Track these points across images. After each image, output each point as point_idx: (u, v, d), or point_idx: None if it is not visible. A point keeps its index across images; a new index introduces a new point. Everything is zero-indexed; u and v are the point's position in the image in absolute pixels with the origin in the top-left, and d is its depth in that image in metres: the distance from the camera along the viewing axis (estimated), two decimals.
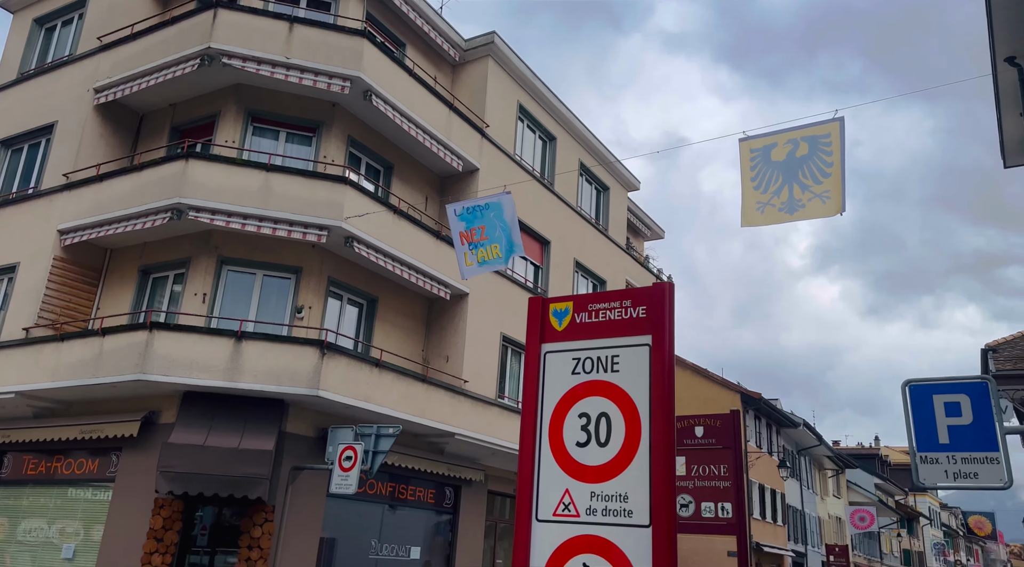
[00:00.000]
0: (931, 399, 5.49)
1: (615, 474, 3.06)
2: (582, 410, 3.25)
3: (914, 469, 5.51)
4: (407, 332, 16.44)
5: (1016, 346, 21.53)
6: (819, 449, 40.24)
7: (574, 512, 3.09)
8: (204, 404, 12.31)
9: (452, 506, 16.70)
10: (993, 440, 5.16)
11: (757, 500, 31.40)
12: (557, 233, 20.33)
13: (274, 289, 14.16)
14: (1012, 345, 21.80)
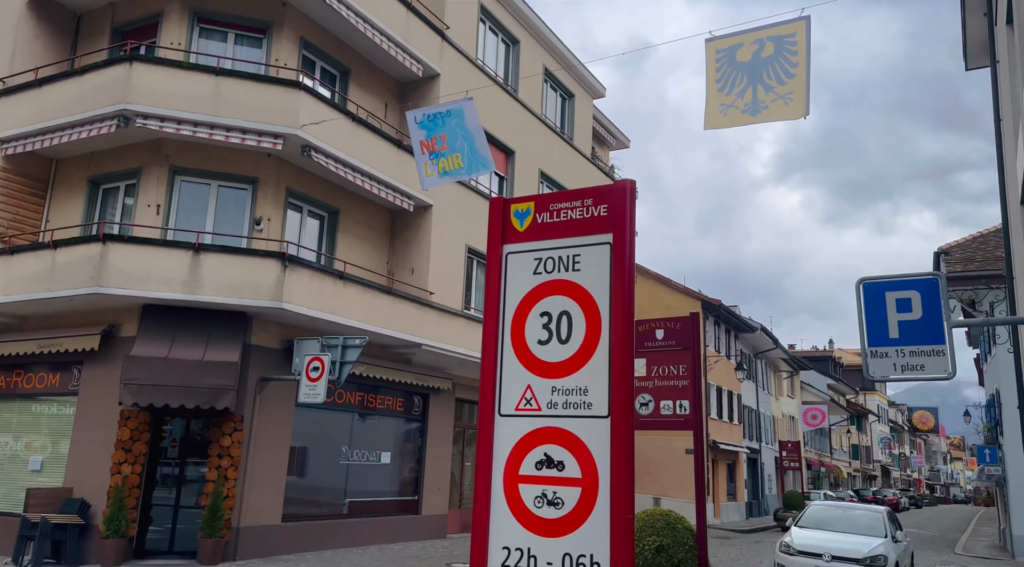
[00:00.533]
0: (884, 296, 5.64)
1: (575, 369, 3.11)
2: (544, 309, 3.26)
3: (864, 363, 5.72)
4: (371, 244, 16.29)
5: (967, 248, 22.14)
6: (775, 352, 41.69)
7: (535, 406, 3.15)
8: (165, 317, 12.17)
9: (421, 414, 17.07)
10: (940, 334, 5.36)
11: (715, 401, 32.68)
12: (522, 143, 20.00)
13: (231, 200, 13.81)
14: (963, 248, 22.41)
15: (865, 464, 71.15)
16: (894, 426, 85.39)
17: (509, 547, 3.04)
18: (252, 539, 12.45)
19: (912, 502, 64.91)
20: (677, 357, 7.45)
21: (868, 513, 14.51)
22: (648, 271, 33.64)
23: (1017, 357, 14.06)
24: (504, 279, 3.39)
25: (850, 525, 14.00)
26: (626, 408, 2.95)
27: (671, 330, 7.69)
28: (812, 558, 12.79)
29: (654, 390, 7.49)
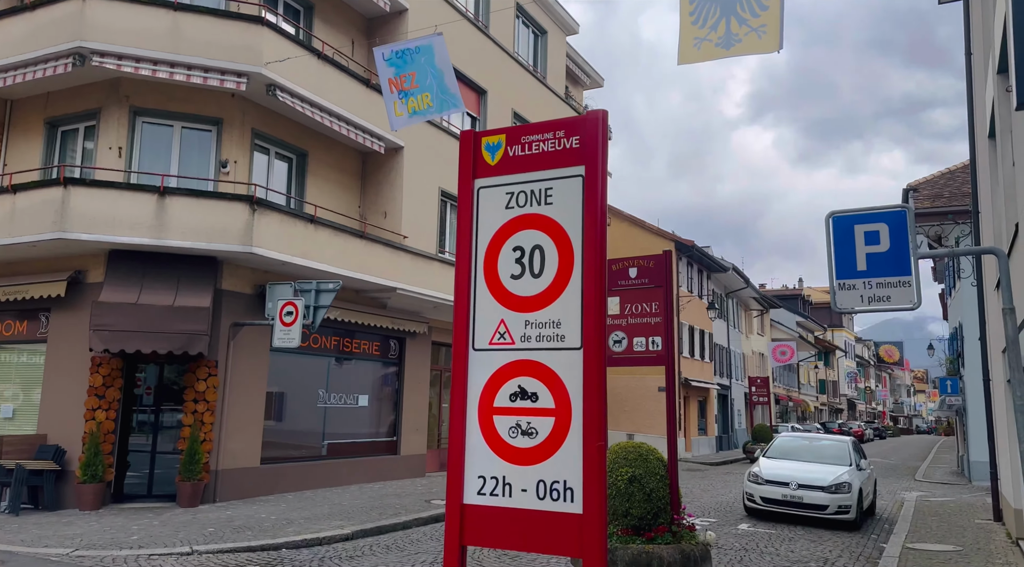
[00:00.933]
0: (852, 229, 5.71)
1: (548, 303, 3.11)
2: (516, 244, 3.24)
3: (832, 295, 5.82)
4: (342, 188, 16.05)
5: (935, 185, 22.35)
6: (746, 291, 42.35)
7: (509, 340, 3.16)
8: (133, 263, 11.97)
9: (397, 357, 17.15)
10: (907, 265, 5.45)
11: (687, 340, 33.26)
12: (493, 82, 19.62)
13: (195, 142, 13.45)
14: (931, 184, 22.62)
15: (832, 398, 73.39)
16: (860, 361, 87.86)
17: (484, 476, 3.10)
18: (231, 481, 12.58)
19: (876, 433, 67.34)
20: (650, 295, 7.51)
21: (833, 443, 15.04)
22: (622, 213, 33.68)
23: (980, 290, 14.42)
24: (476, 214, 3.36)
25: (816, 455, 14.51)
26: (598, 340, 2.97)
27: (644, 268, 7.73)
28: (779, 486, 13.28)
29: (627, 327, 7.57)
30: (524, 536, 2.97)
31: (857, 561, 10.18)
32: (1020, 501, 10.38)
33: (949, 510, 15.34)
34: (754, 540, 11.33)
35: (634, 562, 6.48)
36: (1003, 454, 12.48)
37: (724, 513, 14.15)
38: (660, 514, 6.80)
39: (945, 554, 10.16)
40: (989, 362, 13.94)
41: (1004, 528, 12.60)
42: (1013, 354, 5.28)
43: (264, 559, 8.85)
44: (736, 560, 9.74)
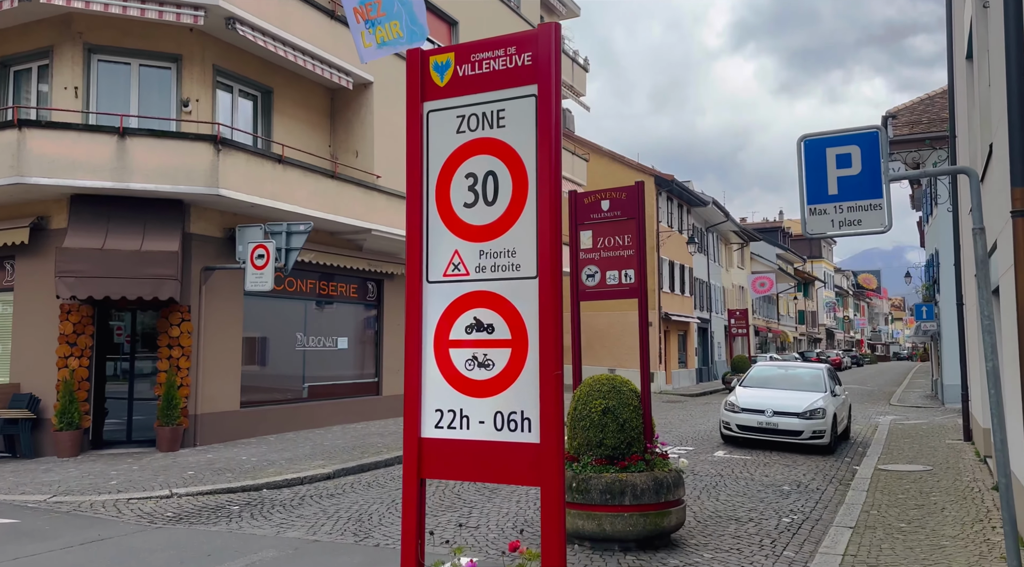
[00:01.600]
0: (824, 152, 5.59)
1: (503, 231, 2.99)
2: (469, 170, 3.09)
3: (803, 221, 5.74)
4: (311, 126, 15.62)
5: (913, 112, 22.14)
6: (726, 225, 42.42)
7: (464, 271, 3.05)
8: (96, 207, 11.64)
9: (376, 299, 17.05)
10: (878, 188, 5.36)
11: (667, 275, 33.41)
12: (465, 12, 18.97)
13: (154, 81, 12.94)
14: (910, 111, 22.41)
15: (811, 328, 74.64)
16: (839, 291, 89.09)
17: (442, 409, 3.03)
18: (211, 425, 12.59)
19: (854, 361, 68.79)
20: (622, 227, 7.40)
21: (809, 371, 15.28)
22: (601, 149, 33.28)
23: (955, 215, 14.46)
24: (426, 140, 3.19)
25: (792, 383, 14.76)
26: (554, 268, 2.86)
27: (616, 200, 7.60)
28: (755, 414, 13.53)
29: (600, 261, 7.48)
30: (482, 467, 2.92)
31: (830, 483, 10.44)
32: (988, 421, 10.62)
33: (921, 432, 15.75)
34: (729, 466, 11.57)
35: (608, 490, 6.55)
36: (974, 376, 12.74)
37: (702, 441, 14.44)
38: (633, 444, 6.85)
39: (916, 473, 10.44)
40: (963, 287, 14.10)
41: (973, 447, 12.97)
42: (982, 274, 5.26)
43: (244, 500, 8.90)
44: (711, 485, 9.95)
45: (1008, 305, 6.04)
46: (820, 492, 9.75)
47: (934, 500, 8.64)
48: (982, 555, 6.23)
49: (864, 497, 8.89)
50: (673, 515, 6.78)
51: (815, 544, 7.09)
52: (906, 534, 7.04)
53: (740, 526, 7.76)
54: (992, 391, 5.20)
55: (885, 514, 7.95)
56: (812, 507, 8.81)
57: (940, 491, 9.16)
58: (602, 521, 6.57)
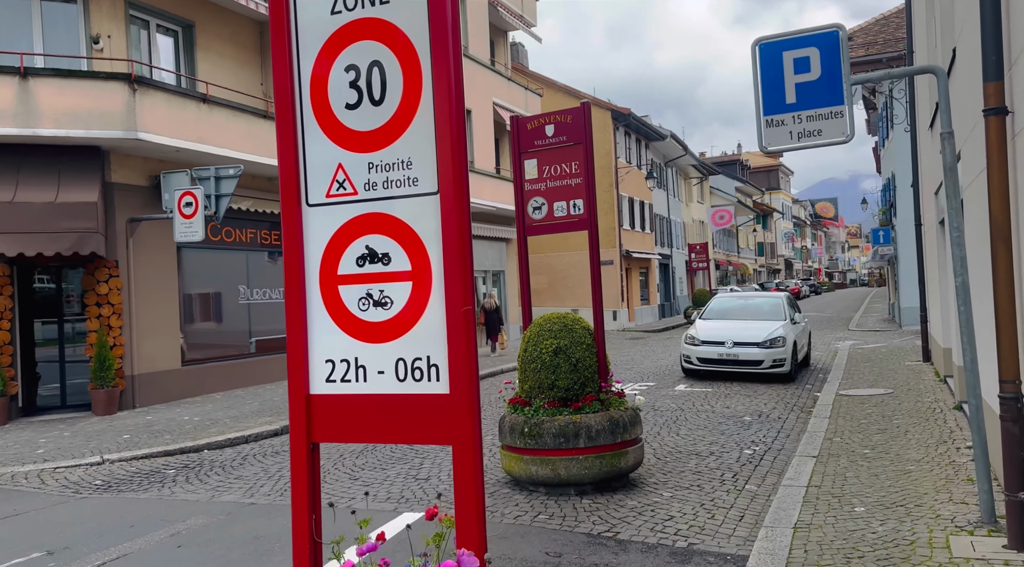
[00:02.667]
0: (780, 56, 5.06)
1: (395, 138, 2.42)
2: (349, 62, 2.49)
3: (759, 135, 5.25)
4: (239, 64, 14.55)
5: (869, 32, 21.64)
6: (685, 159, 41.98)
7: (351, 190, 2.49)
8: (3, 157, 10.66)
9: None
10: (839, 93, 4.88)
11: (627, 212, 33.02)
12: None
13: (59, 17, 11.78)
14: (865, 32, 21.91)
15: (770, 259, 75.55)
16: (797, 222, 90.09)
17: (333, 359, 2.51)
18: (150, 386, 11.96)
19: (812, 290, 70.03)
20: (569, 154, 6.84)
21: (768, 300, 15.09)
22: (556, 83, 32.30)
23: (913, 134, 14.16)
24: (294, 23, 2.57)
25: (752, 313, 14.57)
26: (457, 180, 2.32)
27: (562, 124, 7.01)
28: (715, 346, 13.33)
29: (547, 192, 6.94)
30: (384, 426, 2.43)
31: (792, 412, 10.29)
32: (949, 340, 10.52)
33: (881, 355, 15.80)
34: (691, 400, 11.37)
35: (561, 433, 6.18)
36: (933, 297, 12.64)
37: (663, 376, 14.25)
38: (587, 384, 6.46)
39: (877, 397, 10.33)
40: (921, 207, 13.90)
41: (932, 368, 12.97)
42: (950, 181, 4.85)
43: (182, 462, 8.39)
44: (672, 421, 9.71)
45: (975, 215, 5.68)
46: (782, 421, 9.57)
47: (897, 423, 8.49)
48: (948, 479, 6.03)
49: (826, 424, 8.72)
50: (630, 455, 6.45)
51: (778, 475, 6.85)
52: (870, 460, 6.83)
53: (701, 460, 7.50)
54: (962, 308, 4.86)
55: (848, 440, 7.75)
56: (774, 437, 8.61)
57: (902, 414, 9.03)
58: (556, 466, 6.21)
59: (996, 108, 4.28)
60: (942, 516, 5.07)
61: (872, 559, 4.41)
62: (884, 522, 5.07)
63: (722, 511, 5.85)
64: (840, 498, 5.72)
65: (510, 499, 6.33)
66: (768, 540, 4.85)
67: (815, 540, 4.81)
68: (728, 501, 6.11)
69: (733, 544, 5.11)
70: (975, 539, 4.57)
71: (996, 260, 4.33)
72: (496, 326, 20.88)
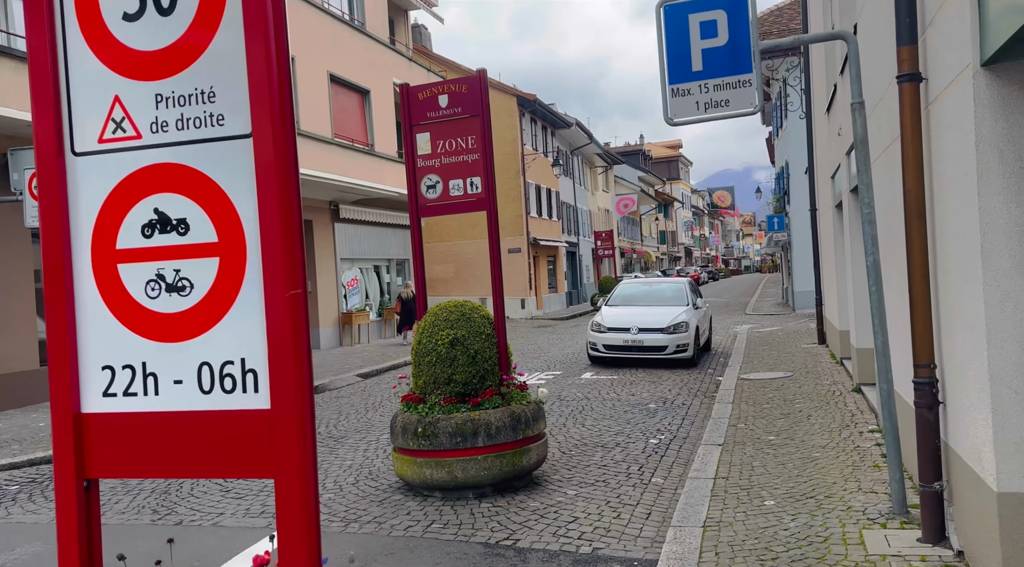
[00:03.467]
0: (686, 20, 4.66)
1: (191, 60, 1.77)
2: None
3: (664, 106, 4.84)
4: None
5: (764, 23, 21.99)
6: (590, 148, 42.17)
7: (132, 132, 1.83)
8: None
9: None
10: (747, 60, 4.52)
11: (534, 199, 32.77)
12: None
13: None
14: (760, 22, 22.31)
15: (671, 247, 77.59)
16: (696, 211, 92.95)
17: (113, 366, 1.84)
18: (2, 388, 10.62)
19: (710, 276, 72.42)
20: (465, 126, 6.25)
21: (671, 286, 15.05)
22: (460, 66, 31.54)
23: (808, 119, 14.36)
24: None
25: (656, 299, 14.47)
26: (277, 118, 1.70)
27: (456, 95, 6.42)
28: (621, 333, 13.12)
29: (441, 169, 6.34)
30: (184, 454, 1.80)
31: (696, 397, 10.14)
32: (846, 323, 10.62)
33: (777, 338, 16.08)
34: (596, 388, 11.08)
35: (458, 432, 5.63)
36: (829, 281, 12.84)
37: (570, 364, 13.96)
38: (487, 377, 5.94)
39: (778, 381, 10.32)
40: (816, 192, 14.13)
41: (828, 350, 13.21)
42: (862, 154, 4.58)
43: (29, 476, 7.34)
44: (577, 411, 9.35)
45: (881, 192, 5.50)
46: (686, 407, 9.39)
47: (799, 407, 8.42)
48: (855, 465, 5.86)
49: (730, 410, 8.56)
50: (533, 452, 5.97)
51: (684, 466, 6.57)
52: (776, 448, 6.64)
53: (607, 453, 7.14)
54: (873, 288, 4.60)
55: (752, 426, 7.58)
56: (679, 424, 8.38)
57: (803, 397, 8.99)
58: (453, 468, 5.66)
59: (910, 74, 4.00)
60: (853, 508, 4.84)
61: (786, 560, 4.09)
62: (795, 516, 4.79)
63: (628, 508, 5.47)
64: (749, 490, 5.44)
65: (401, 507, 5.74)
66: (677, 543, 4.47)
67: (726, 540, 4.47)
68: (635, 497, 5.74)
69: (640, 547, 4.72)
70: (889, 533, 4.33)
71: (911, 236, 4.06)
72: (412, 317, 20.47)
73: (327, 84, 17.63)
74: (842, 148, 9.05)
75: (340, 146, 17.42)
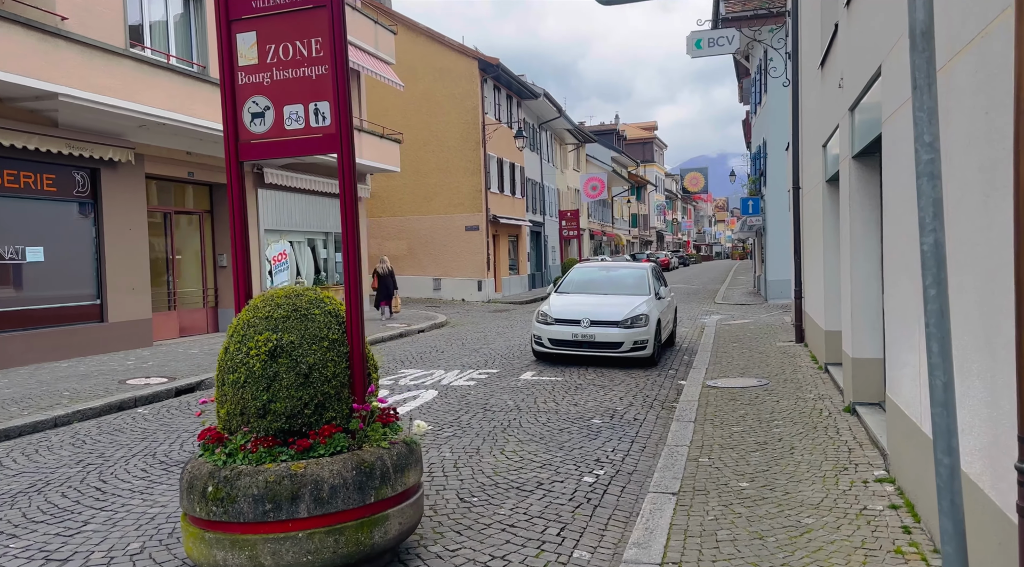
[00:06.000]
0: None
1: None
2: None
3: None
4: None
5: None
6: (559, 122, 40.05)
7: None
8: None
9: (89, 194, 12.83)
10: None
11: (495, 174, 30.66)
12: None
13: None
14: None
15: (643, 231, 75.99)
16: (669, 195, 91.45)
17: None
18: None
19: (681, 261, 71.13)
20: (306, 25, 4.18)
21: (632, 272, 13.12)
22: (418, 25, 29.20)
23: (795, 86, 12.46)
24: None
25: (613, 286, 12.56)
26: None
27: None
28: (570, 325, 11.21)
29: (272, 88, 4.27)
30: None
31: (651, 409, 8.28)
32: (835, 322, 8.79)
33: (750, 334, 14.30)
34: (534, 393, 9.14)
35: (269, 495, 3.64)
36: (812, 270, 11.01)
37: (511, 360, 12.01)
38: (328, 405, 3.96)
39: (750, 392, 8.48)
40: (800, 168, 12.26)
41: (808, 351, 11.43)
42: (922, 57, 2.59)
43: None
44: (501, 428, 7.39)
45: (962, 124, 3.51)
46: (638, 424, 7.51)
47: (778, 433, 6.57)
48: (867, 550, 3.98)
49: (691, 432, 6.69)
50: (392, 520, 3.99)
51: (622, 526, 4.68)
52: (750, 505, 4.75)
53: (521, 500, 5.20)
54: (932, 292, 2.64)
55: (719, 463, 5.70)
56: (626, 451, 6.49)
57: (783, 417, 7.14)
58: (258, 550, 3.66)
59: None
60: None
61: None
62: None
63: None
64: None
65: None
66: None
67: None
68: None
69: None
70: None
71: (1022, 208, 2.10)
72: (390, 291, 19.65)
73: None
74: (843, 103, 7.13)
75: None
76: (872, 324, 6.86)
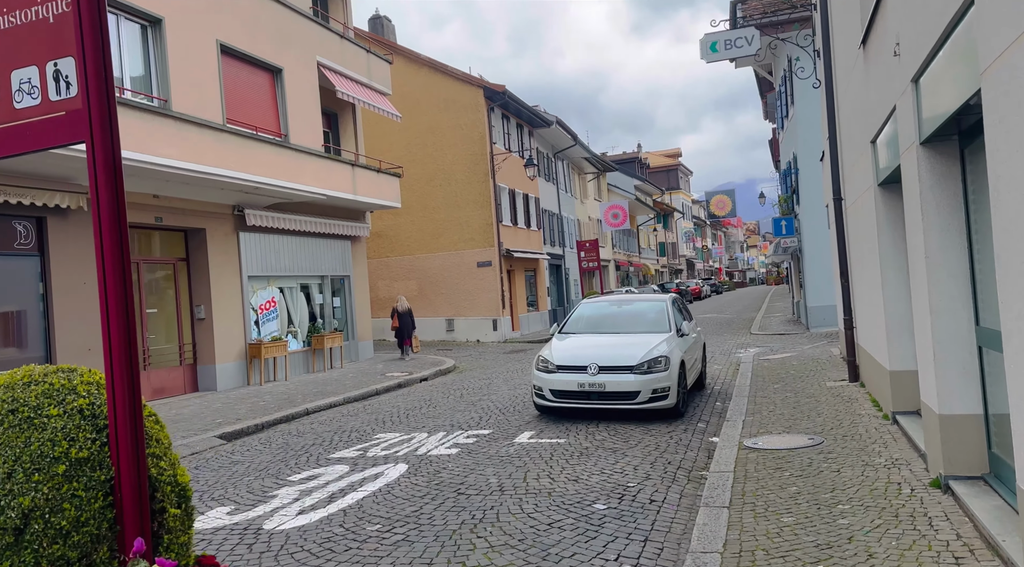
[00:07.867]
0: None
1: None
2: None
3: None
4: None
5: None
6: (576, 150, 38.57)
7: None
8: None
9: (34, 247, 11.46)
10: None
11: (507, 206, 29.14)
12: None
13: None
14: None
15: (672, 260, 73.84)
16: (697, 222, 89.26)
17: None
18: None
19: (713, 289, 68.77)
20: None
21: (649, 305, 11.25)
22: (420, 57, 28.07)
23: (828, 84, 10.68)
24: None
25: (627, 323, 10.72)
26: None
27: None
28: (576, 373, 9.39)
29: None
30: None
31: (673, 481, 6.44)
32: (906, 360, 6.88)
33: (793, 371, 12.32)
34: (526, 464, 7.32)
35: None
36: (864, 295, 9.08)
37: (510, 416, 10.19)
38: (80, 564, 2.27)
39: (801, 456, 6.56)
40: (842, 176, 10.40)
41: (866, 393, 9.44)
42: None
43: None
44: (473, 522, 5.58)
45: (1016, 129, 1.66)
46: (655, 509, 5.66)
47: (845, 526, 4.68)
48: None
49: (724, 527, 4.84)
50: None
51: None
52: None
53: None
54: None
55: None
56: (635, 560, 4.64)
57: (849, 500, 5.24)
58: None
59: None
60: None
61: None
62: None
63: None
64: None
65: None
66: None
67: None
68: None
69: None
70: None
71: None
72: (409, 330, 19.59)
73: (216, 56, 14.08)
74: (903, 75, 5.35)
75: (235, 134, 13.80)
76: (965, 368, 4.98)
